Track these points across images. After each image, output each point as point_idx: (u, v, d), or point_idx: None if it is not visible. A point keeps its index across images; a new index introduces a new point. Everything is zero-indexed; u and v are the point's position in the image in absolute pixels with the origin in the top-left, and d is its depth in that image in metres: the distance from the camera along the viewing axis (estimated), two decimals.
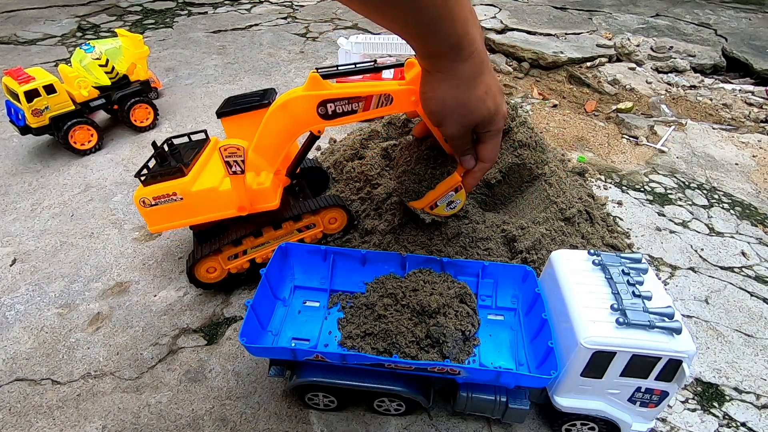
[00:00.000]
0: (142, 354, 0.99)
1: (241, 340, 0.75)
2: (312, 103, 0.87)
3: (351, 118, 0.89)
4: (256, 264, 1.10)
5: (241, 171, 0.91)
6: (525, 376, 0.76)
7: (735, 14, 3.15)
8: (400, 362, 0.74)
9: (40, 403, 0.90)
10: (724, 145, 1.81)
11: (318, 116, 0.88)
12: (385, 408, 0.86)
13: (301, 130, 0.93)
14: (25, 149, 1.66)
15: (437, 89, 0.64)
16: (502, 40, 2.51)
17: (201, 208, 0.99)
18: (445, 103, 0.65)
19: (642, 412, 0.79)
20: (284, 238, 1.09)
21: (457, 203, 0.91)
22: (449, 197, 0.89)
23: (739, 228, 1.40)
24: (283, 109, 0.90)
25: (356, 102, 0.86)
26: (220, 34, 2.73)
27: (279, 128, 0.93)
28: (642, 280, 0.78)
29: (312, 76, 0.87)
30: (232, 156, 0.89)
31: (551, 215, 1.14)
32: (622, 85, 2.23)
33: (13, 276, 1.17)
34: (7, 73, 1.51)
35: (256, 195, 0.98)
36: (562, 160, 1.55)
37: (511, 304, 0.94)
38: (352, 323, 0.88)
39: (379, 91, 0.85)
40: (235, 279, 1.11)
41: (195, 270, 1.04)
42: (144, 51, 1.72)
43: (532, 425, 0.88)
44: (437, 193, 0.88)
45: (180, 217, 1.01)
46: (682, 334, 0.71)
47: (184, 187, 0.97)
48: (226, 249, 1.05)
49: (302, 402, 0.88)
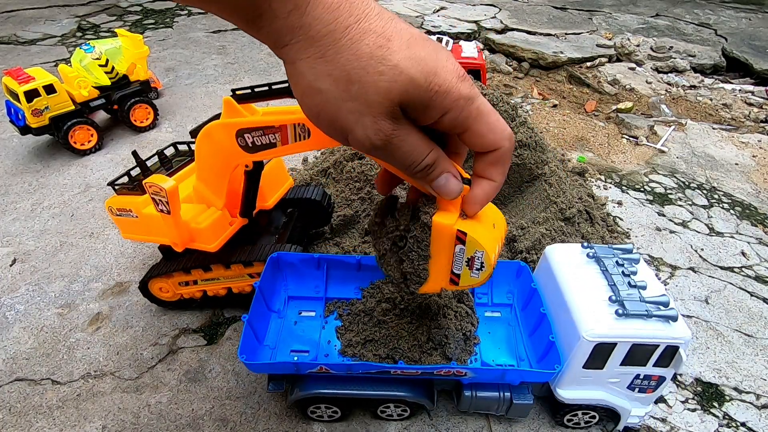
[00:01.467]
0: (142, 354, 0.99)
1: (241, 358, 0.73)
2: (229, 132, 0.77)
3: (273, 152, 0.77)
4: (208, 297, 1.05)
5: (167, 211, 0.85)
6: (530, 371, 0.77)
7: (735, 14, 3.15)
8: (406, 368, 0.73)
9: (40, 403, 0.90)
10: (724, 145, 1.81)
11: (240, 148, 0.78)
12: (389, 414, 0.86)
13: (230, 162, 0.82)
14: (25, 149, 1.66)
15: (298, 74, 0.40)
16: (502, 40, 2.51)
17: (151, 229, 0.95)
18: (319, 89, 0.39)
19: (640, 397, 0.81)
20: (235, 280, 1.02)
21: (480, 257, 0.56)
22: (460, 256, 0.56)
23: (739, 228, 1.40)
24: (206, 137, 0.81)
25: (272, 133, 0.75)
26: (220, 34, 2.73)
27: (208, 158, 0.84)
28: (636, 270, 0.80)
29: (226, 100, 0.77)
30: (156, 195, 0.84)
31: (551, 215, 1.15)
32: (622, 85, 2.23)
33: (13, 276, 1.17)
34: (7, 73, 1.51)
35: (194, 234, 0.92)
36: (562, 160, 1.55)
37: (507, 300, 0.94)
38: (351, 331, 0.86)
39: (292, 120, 0.72)
40: (190, 303, 1.06)
41: (149, 286, 1.02)
42: (144, 51, 1.72)
43: (533, 418, 0.88)
44: (437, 267, 0.58)
45: (140, 233, 0.98)
46: (678, 321, 0.73)
47: (138, 206, 0.93)
48: (176, 274, 1.00)
49: (304, 416, 0.86)
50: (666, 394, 0.95)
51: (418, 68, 0.38)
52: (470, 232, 0.53)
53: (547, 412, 0.90)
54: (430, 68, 0.39)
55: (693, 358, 1.02)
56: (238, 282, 1.02)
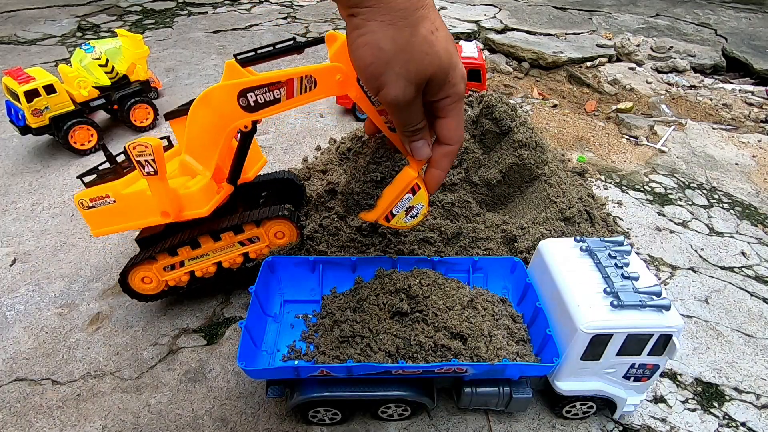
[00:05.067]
0: (142, 354, 0.99)
1: (240, 365, 0.72)
2: (231, 93, 0.78)
3: (277, 107, 0.79)
4: (196, 278, 1.01)
5: (154, 171, 0.83)
6: (529, 366, 0.77)
7: (735, 14, 3.15)
8: (407, 367, 0.74)
9: (40, 403, 0.90)
10: (724, 145, 1.81)
11: (241, 108, 0.80)
12: (390, 414, 0.86)
13: (226, 125, 0.83)
14: (25, 149, 1.66)
15: (368, 31, 0.48)
16: (502, 40, 2.51)
17: (132, 212, 0.92)
18: (381, 47, 0.48)
19: (636, 386, 0.82)
20: (225, 252, 1.00)
21: (418, 209, 0.73)
22: (406, 202, 0.72)
23: (739, 228, 1.40)
24: (204, 102, 0.82)
25: (277, 89, 0.77)
26: (220, 34, 2.73)
27: (203, 124, 0.84)
28: (628, 262, 0.81)
29: (228, 64, 0.78)
30: (142, 155, 0.81)
31: (551, 215, 1.14)
32: (622, 85, 2.23)
33: (13, 276, 1.17)
34: (7, 73, 1.51)
35: (184, 200, 0.89)
36: (562, 160, 1.55)
37: (502, 295, 0.94)
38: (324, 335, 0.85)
39: (299, 73, 0.75)
40: (175, 292, 1.03)
41: (129, 278, 0.97)
42: (144, 51, 1.72)
43: (532, 418, 0.88)
44: (389, 199, 0.72)
45: (116, 222, 0.94)
46: (671, 310, 0.74)
47: (116, 189, 0.90)
48: (160, 258, 0.96)
49: (305, 420, 0.85)
50: (666, 394, 0.95)
51: (448, 60, 0.51)
52: (423, 188, 0.70)
53: (546, 413, 0.90)
54: (453, 63, 0.52)
55: (693, 358, 1.02)
56: (229, 254, 0.99)
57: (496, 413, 0.89)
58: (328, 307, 0.88)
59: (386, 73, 0.49)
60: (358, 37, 0.49)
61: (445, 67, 0.51)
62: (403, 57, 0.48)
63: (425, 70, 0.50)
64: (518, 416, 0.89)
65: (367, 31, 0.48)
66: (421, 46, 0.48)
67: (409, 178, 0.69)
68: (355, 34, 0.49)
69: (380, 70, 0.49)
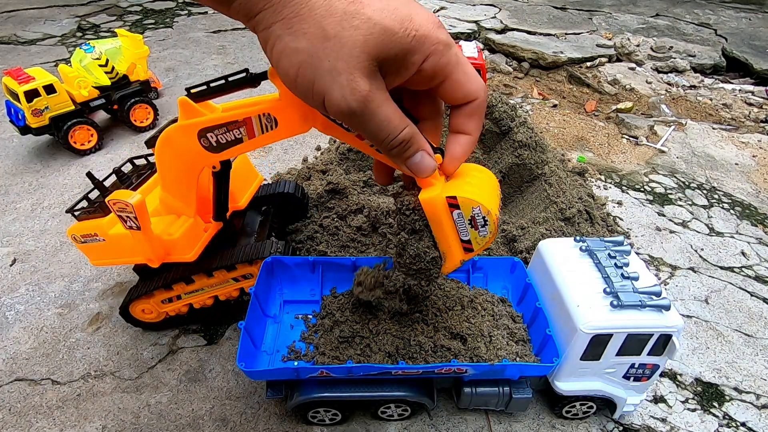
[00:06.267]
0: (142, 354, 0.99)
1: (240, 366, 0.72)
2: (190, 134, 0.72)
3: (240, 148, 0.73)
4: (195, 309, 1.01)
5: (136, 227, 0.80)
6: (529, 366, 0.77)
7: (735, 14, 3.15)
8: (407, 368, 0.73)
9: (40, 403, 0.90)
10: (724, 145, 1.81)
11: (204, 149, 0.73)
12: (389, 414, 0.86)
13: (194, 167, 0.78)
14: (25, 149, 1.66)
15: (274, 38, 0.38)
16: (502, 40, 2.51)
17: (121, 251, 0.89)
18: (295, 48, 0.38)
19: (635, 386, 0.82)
20: (220, 287, 0.99)
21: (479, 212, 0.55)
22: (462, 221, 0.56)
23: (739, 228, 1.40)
24: (166, 145, 0.76)
25: (236, 128, 0.70)
26: (220, 34, 2.73)
27: (171, 168, 0.79)
28: (627, 262, 0.81)
29: (181, 101, 0.70)
30: (123, 212, 0.79)
31: (551, 215, 1.15)
32: (622, 85, 2.23)
33: (13, 276, 1.17)
34: (7, 73, 1.51)
35: (168, 246, 0.87)
36: (562, 160, 1.55)
37: (502, 295, 0.94)
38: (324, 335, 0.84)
39: (256, 110, 0.68)
40: (176, 320, 1.02)
41: (130, 310, 0.98)
42: (144, 51, 1.72)
43: (532, 418, 0.88)
44: (445, 239, 0.59)
45: (110, 257, 0.92)
46: (671, 310, 0.74)
47: (103, 228, 0.88)
48: (157, 293, 0.96)
49: (304, 420, 0.86)
50: (666, 394, 0.95)
51: (391, 17, 0.37)
52: (458, 193, 0.53)
53: (546, 412, 0.90)
54: (404, 15, 0.38)
55: (693, 358, 1.02)
56: (224, 288, 0.99)
57: (496, 413, 0.89)
58: (327, 308, 0.88)
59: (317, 76, 0.38)
60: (271, 51, 0.39)
61: (393, 27, 0.37)
62: (327, 46, 0.37)
63: (364, 45, 0.37)
64: (518, 416, 0.89)
65: (274, 39, 0.38)
66: (344, 22, 0.36)
67: (432, 201, 0.54)
68: (268, 50, 0.39)
69: (309, 77, 0.38)
